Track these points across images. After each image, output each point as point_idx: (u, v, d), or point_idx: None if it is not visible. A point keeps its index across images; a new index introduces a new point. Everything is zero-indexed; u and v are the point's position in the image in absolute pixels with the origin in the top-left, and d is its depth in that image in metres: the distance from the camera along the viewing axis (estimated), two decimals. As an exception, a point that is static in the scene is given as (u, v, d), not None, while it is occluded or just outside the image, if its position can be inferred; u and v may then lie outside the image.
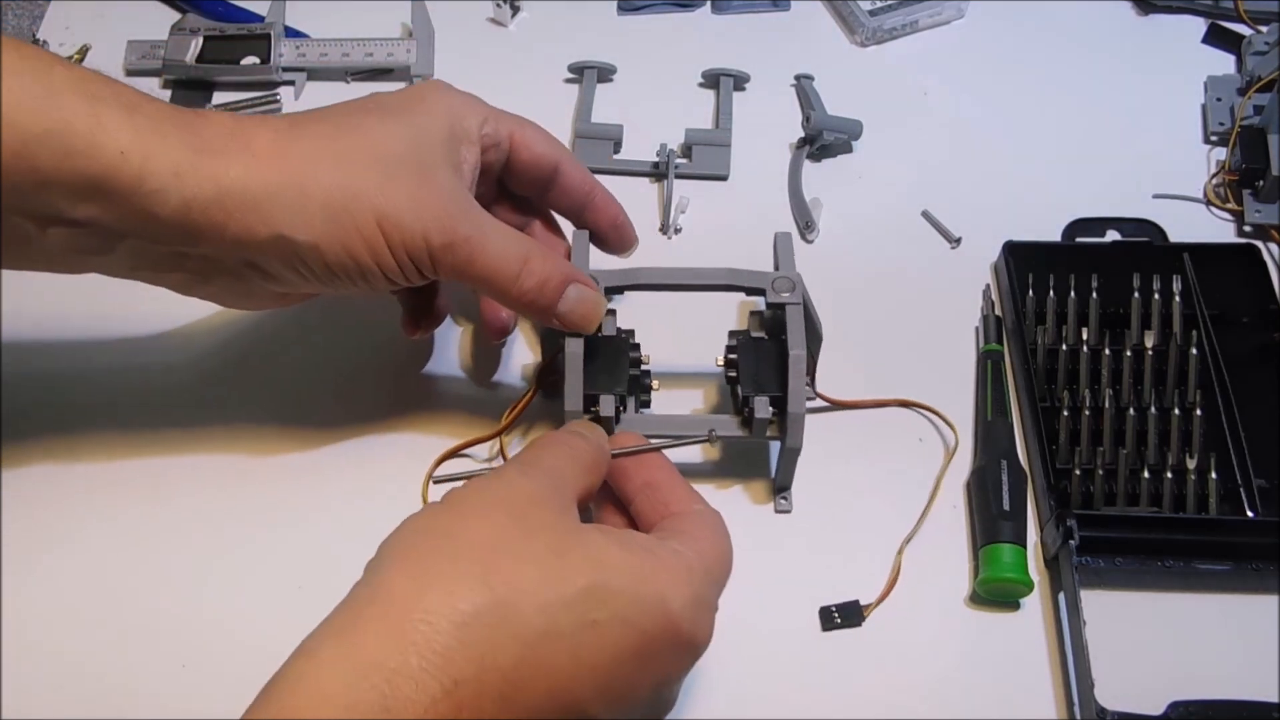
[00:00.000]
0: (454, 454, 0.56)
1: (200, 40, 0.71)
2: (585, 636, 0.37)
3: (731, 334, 0.55)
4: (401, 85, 0.71)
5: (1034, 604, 0.52)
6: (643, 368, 0.54)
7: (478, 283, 0.49)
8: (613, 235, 0.57)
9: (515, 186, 0.55)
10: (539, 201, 0.56)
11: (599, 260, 0.55)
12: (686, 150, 0.68)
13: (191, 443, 0.57)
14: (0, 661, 0.50)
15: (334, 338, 0.61)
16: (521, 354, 0.60)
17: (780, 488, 0.55)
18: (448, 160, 0.49)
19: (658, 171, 0.67)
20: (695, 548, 0.41)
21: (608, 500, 0.46)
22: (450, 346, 0.61)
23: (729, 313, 0.61)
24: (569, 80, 0.72)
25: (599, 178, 0.66)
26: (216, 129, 0.46)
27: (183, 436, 0.57)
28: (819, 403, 0.57)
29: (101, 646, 0.51)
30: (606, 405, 0.51)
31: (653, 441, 0.46)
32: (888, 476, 0.56)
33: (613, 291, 0.53)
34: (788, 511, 0.55)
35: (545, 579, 0.37)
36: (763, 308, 0.54)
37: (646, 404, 0.54)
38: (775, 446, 0.55)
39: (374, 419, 0.58)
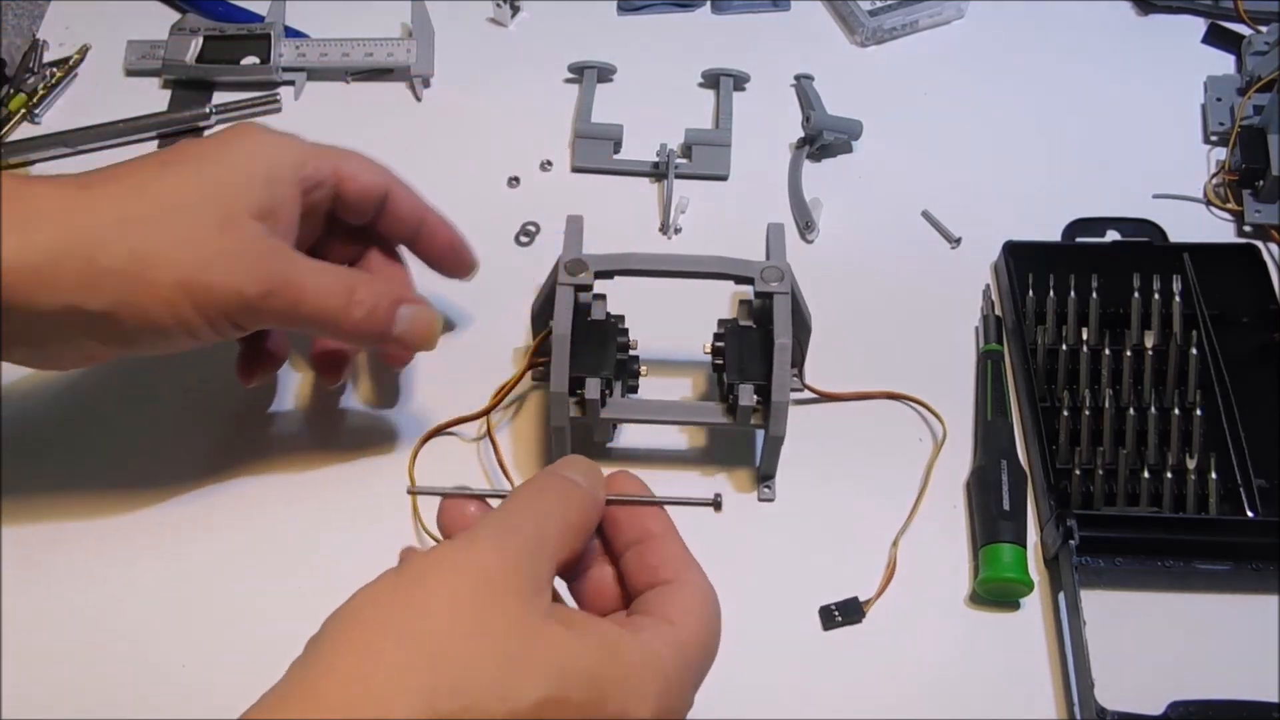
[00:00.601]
0: (440, 431, 0.56)
1: (200, 40, 0.71)
2: None
3: (720, 322, 0.55)
4: (401, 85, 0.71)
5: (1034, 604, 0.52)
6: (631, 353, 0.54)
7: (306, 324, 0.48)
8: (449, 258, 0.56)
9: (346, 217, 0.54)
10: (371, 230, 0.55)
11: (590, 245, 0.55)
12: (686, 150, 0.68)
13: (187, 440, 0.57)
14: (0, 661, 0.50)
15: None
16: (512, 336, 0.60)
17: (764, 476, 0.55)
18: (256, 207, 0.47)
19: (658, 171, 0.67)
20: (675, 639, 0.37)
21: (597, 548, 0.41)
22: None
23: (720, 302, 0.61)
24: (569, 80, 0.72)
25: (599, 177, 0.67)
26: None
27: (178, 434, 0.57)
28: (807, 394, 0.58)
29: (102, 646, 0.51)
30: (592, 388, 0.51)
31: (652, 494, 0.42)
32: (882, 471, 0.56)
33: (603, 276, 0.53)
34: (770, 500, 0.55)
35: (498, 691, 0.33)
36: (752, 297, 0.54)
37: (634, 389, 0.55)
38: (760, 435, 0.55)
39: (366, 404, 0.58)
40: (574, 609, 0.39)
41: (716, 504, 0.43)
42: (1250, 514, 0.54)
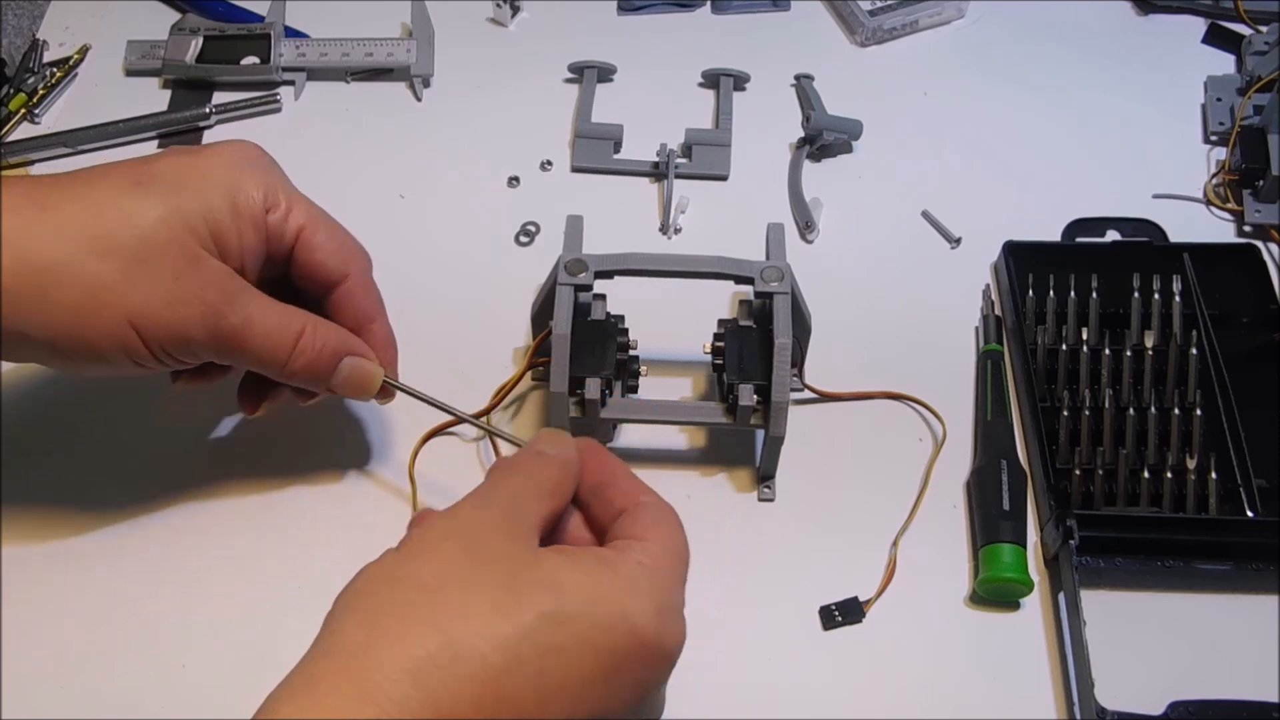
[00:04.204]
0: (440, 431, 0.57)
1: (200, 40, 0.71)
2: (548, 664, 0.36)
3: (720, 322, 0.56)
4: (401, 85, 0.71)
5: (1034, 604, 0.52)
6: (631, 353, 0.54)
7: (249, 366, 0.49)
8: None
9: (297, 282, 0.51)
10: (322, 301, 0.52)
11: (590, 244, 0.55)
12: (686, 150, 0.68)
13: (187, 442, 0.57)
14: (0, 661, 0.50)
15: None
16: (512, 336, 0.60)
17: (764, 476, 0.55)
18: (216, 241, 0.47)
19: (658, 171, 0.67)
20: (651, 551, 0.40)
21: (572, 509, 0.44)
22: (439, 330, 0.61)
23: (720, 302, 0.61)
24: (569, 80, 0.72)
25: (599, 177, 0.67)
26: None
27: (177, 436, 0.57)
28: (807, 394, 0.58)
29: (102, 646, 0.51)
30: (592, 388, 0.51)
31: (619, 462, 0.44)
32: (882, 471, 0.56)
33: (603, 276, 0.54)
34: (770, 500, 0.55)
35: (499, 611, 0.36)
36: (752, 297, 0.54)
37: (634, 389, 0.55)
38: (760, 435, 0.55)
39: (366, 404, 0.58)
40: (564, 545, 0.42)
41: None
42: (1250, 514, 0.54)
